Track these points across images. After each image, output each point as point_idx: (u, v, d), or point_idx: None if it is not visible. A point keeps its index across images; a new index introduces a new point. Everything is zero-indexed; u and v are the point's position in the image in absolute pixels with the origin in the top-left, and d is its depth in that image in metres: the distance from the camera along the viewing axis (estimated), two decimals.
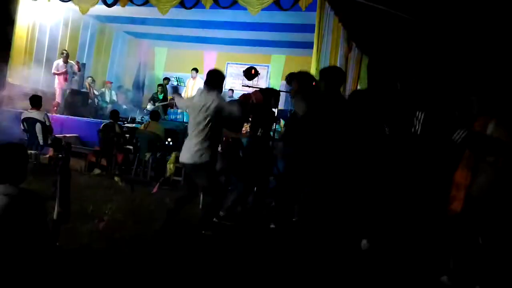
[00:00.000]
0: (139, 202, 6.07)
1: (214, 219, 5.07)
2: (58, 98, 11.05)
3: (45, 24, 11.13)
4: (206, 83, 4.58)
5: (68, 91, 11.20)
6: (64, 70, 11.06)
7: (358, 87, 8.73)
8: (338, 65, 8.32)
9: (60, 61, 11.09)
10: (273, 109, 5.85)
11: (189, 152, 4.49)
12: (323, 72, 4.74)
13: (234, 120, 5.02)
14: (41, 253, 2.94)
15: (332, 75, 4.57)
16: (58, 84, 11.10)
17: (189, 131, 4.60)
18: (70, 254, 3.80)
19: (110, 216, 5.08)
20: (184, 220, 5.01)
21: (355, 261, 4.30)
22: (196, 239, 4.60)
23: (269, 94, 5.68)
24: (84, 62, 12.30)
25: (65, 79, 11.15)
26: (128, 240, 4.43)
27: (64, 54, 11.13)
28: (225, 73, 14.73)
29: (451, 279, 3.87)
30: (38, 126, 7.53)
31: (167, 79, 13.61)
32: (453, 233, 3.91)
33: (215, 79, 4.61)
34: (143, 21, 11.76)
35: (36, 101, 7.78)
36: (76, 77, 11.63)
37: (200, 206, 5.50)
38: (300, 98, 4.64)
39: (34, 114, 7.62)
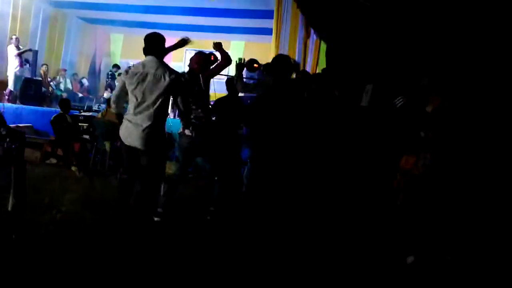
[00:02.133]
0: (97, 192, 5.96)
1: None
2: (10, 86, 10.69)
3: None
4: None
5: (22, 78, 10.80)
6: (17, 55, 10.71)
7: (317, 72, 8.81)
8: (296, 51, 8.39)
9: (12, 46, 10.72)
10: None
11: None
12: (270, 65, 4.68)
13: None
14: None
15: (280, 67, 4.52)
16: (10, 70, 10.71)
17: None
18: (26, 247, 3.70)
19: (67, 207, 4.97)
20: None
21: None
22: (158, 228, 4.57)
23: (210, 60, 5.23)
24: (36, 49, 11.87)
25: (21, 65, 10.79)
26: (86, 231, 4.35)
27: (13, 39, 10.77)
28: (183, 61, 14.53)
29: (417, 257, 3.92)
30: None
31: (116, 66, 13.43)
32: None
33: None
34: (97, 6, 11.45)
35: None
36: (27, 65, 11.25)
37: (162, 193, 5.35)
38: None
39: None
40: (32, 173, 6.03)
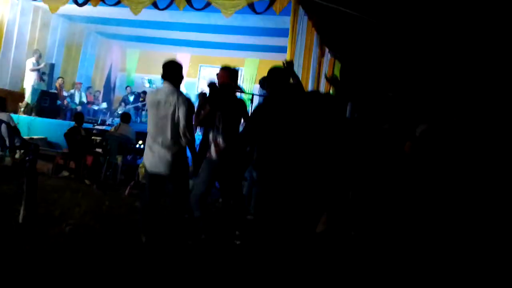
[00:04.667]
0: (108, 205, 5.94)
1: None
2: (27, 98, 10.84)
3: (12, 23, 10.83)
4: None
5: (39, 91, 10.95)
6: (37, 68, 10.94)
7: (331, 92, 8.79)
8: (311, 69, 8.38)
9: (33, 59, 10.92)
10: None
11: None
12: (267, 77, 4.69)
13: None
14: (6, 257, 2.83)
15: (272, 78, 4.56)
16: (27, 83, 10.92)
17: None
18: (36, 258, 3.68)
19: (78, 220, 4.95)
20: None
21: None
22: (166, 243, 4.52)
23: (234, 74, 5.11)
24: (53, 62, 12.03)
25: (39, 79, 11.05)
26: (96, 245, 4.32)
27: (37, 53, 11.02)
28: (198, 76, 14.53)
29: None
30: (3, 127, 7.31)
31: (128, 87, 13.91)
32: None
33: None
34: (115, 22, 11.59)
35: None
36: (44, 77, 11.41)
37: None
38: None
39: None
40: (43, 185, 6.07)
